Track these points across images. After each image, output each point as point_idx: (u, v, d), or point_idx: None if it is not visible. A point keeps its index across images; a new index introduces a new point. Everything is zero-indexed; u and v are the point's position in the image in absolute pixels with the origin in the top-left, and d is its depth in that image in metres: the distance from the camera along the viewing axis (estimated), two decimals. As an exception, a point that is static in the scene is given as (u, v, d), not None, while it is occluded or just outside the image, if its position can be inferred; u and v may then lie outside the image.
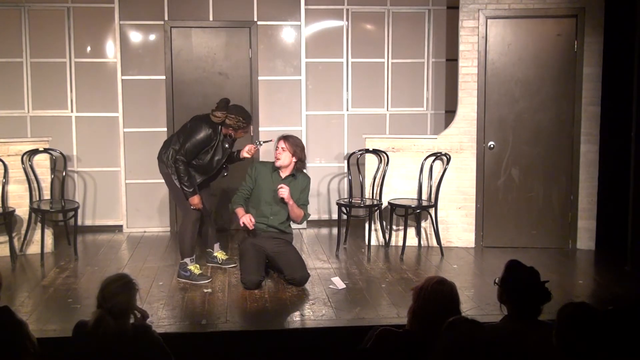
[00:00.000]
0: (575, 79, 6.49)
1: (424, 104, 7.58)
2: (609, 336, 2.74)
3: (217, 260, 5.95)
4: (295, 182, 5.58)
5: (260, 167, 5.64)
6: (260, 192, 5.55)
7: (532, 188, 6.65)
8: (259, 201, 5.54)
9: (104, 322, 3.11)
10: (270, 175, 5.57)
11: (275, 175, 5.57)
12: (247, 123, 5.63)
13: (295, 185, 5.57)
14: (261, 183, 5.55)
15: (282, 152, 5.52)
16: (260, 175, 5.58)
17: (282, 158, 5.52)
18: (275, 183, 5.51)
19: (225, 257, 5.99)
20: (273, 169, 5.59)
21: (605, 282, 5.63)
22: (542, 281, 3.18)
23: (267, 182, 5.54)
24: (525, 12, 6.50)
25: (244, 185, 5.61)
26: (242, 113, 5.57)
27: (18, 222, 6.29)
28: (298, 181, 5.60)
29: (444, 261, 6.21)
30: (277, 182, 5.51)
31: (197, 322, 4.57)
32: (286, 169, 5.56)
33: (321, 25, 7.46)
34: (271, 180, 5.55)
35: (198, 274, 5.51)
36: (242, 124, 5.56)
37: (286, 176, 5.57)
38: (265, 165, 5.66)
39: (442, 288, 3.05)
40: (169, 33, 7.21)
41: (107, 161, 7.28)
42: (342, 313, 4.78)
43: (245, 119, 5.58)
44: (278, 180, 5.54)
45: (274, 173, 5.58)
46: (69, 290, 5.27)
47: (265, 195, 5.53)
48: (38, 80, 7.14)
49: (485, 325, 3.19)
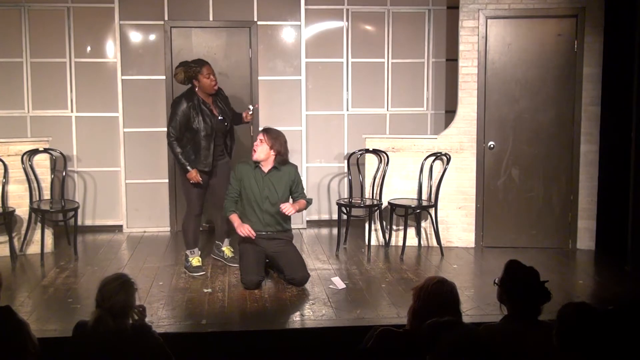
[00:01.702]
0: (575, 79, 6.49)
1: (424, 104, 7.58)
2: (609, 336, 2.74)
3: (223, 255, 5.97)
4: (279, 174, 5.51)
5: (241, 168, 5.56)
6: (248, 192, 5.48)
7: (532, 188, 6.65)
8: (248, 201, 5.48)
9: (103, 322, 3.11)
10: (253, 173, 5.49)
11: (257, 172, 5.49)
12: (197, 64, 5.71)
13: (281, 177, 5.51)
14: (246, 183, 5.49)
15: (259, 145, 5.45)
16: (244, 175, 5.50)
17: (257, 151, 5.45)
18: (258, 180, 5.45)
19: (231, 254, 5.98)
20: (254, 165, 5.51)
21: (605, 282, 5.64)
22: (542, 281, 3.18)
23: (251, 181, 5.48)
24: (526, 12, 6.50)
25: (230, 188, 5.55)
26: (184, 61, 5.76)
27: (18, 222, 6.29)
28: (283, 173, 5.52)
29: (444, 261, 6.21)
30: (260, 178, 5.45)
31: (197, 322, 4.58)
32: (266, 163, 5.49)
33: (321, 25, 7.46)
34: (254, 178, 5.48)
35: (195, 265, 5.69)
36: (193, 68, 5.68)
37: (269, 170, 5.50)
38: (247, 163, 5.58)
39: (443, 288, 3.05)
40: (169, 33, 7.21)
41: (107, 161, 7.28)
42: (342, 313, 4.78)
43: (192, 62, 5.72)
44: (261, 175, 5.47)
45: (256, 170, 5.50)
46: (69, 290, 5.27)
47: (253, 195, 5.46)
48: (38, 80, 7.14)
49: (485, 325, 3.19)
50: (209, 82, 5.71)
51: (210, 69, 5.74)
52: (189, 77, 5.71)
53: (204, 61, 5.79)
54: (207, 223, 7.30)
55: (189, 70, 5.69)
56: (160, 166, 7.32)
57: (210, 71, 5.73)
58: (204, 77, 5.69)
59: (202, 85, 5.71)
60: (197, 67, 5.69)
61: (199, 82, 5.70)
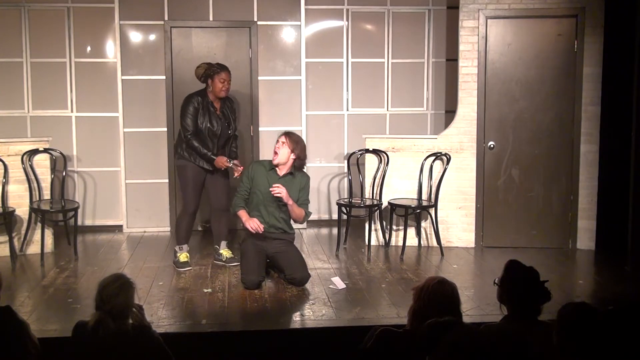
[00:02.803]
0: (575, 79, 6.50)
1: (424, 104, 7.58)
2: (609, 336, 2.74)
3: (222, 258, 5.97)
4: (293, 180, 5.46)
5: (256, 166, 5.55)
6: (256, 192, 5.45)
7: (532, 188, 6.65)
8: (256, 201, 5.46)
9: (103, 323, 3.11)
10: (266, 175, 5.46)
11: (271, 174, 5.45)
12: (219, 67, 5.86)
13: (294, 184, 5.45)
14: (258, 182, 5.45)
15: (281, 147, 5.40)
16: (257, 175, 5.47)
17: (280, 153, 5.40)
18: (271, 182, 5.38)
19: (230, 255, 5.99)
20: (269, 167, 5.48)
21: (605, 282, 5.63)
22: (542, 281, 3.18)
23: (263, 182, 5.43)
24: (526, 12, 6.50)
25: (241, 185, 5.54)
26: (207, 62, 5.96)
27: (18, 222, 6.29)
28: (296, 180, 5.48)
29: (444, 261, 6.21)
30: (274, 181, 5.39)
31: (197, 322, 4.58)
32: (284, 167, 5.44)
33: (321, 25, 7.46)
34: (267, 180, 5.42)
35: (182, 261, 5.86)
36: (214, 68, 5.84)
37: (284, 175, 5.46)
38: (262, 164, 5.57)
39: (443, 288, 3.05)
40: (169, 33, 7.21)
41: (107, 161, 7.28)
42: (342, 313, 4.78)
43: (216, 64, 5.90)
44: (275, 179, 5.42)
45: (270, 172, 5.46)
46: (69, 290, 5.27)
47: (262, 195, 5.42)
48: (38, 80, 7.14)
49: (486, 325, 3.19)
50: (220, 86, 5.83)
51: (228, 76, 5.89)
52: (207, 75, 5.86)
53: (227, 68, 5.94)
54: (207, 223, 7.31)
55: (210, 68, 5.86)
56: (160, 166, 7.32)
57: (227, 78, 5.87)
58: (219, 80, 5.82)
59: (214, 86, 5.84)
60: (218, 68, 5.86)
61: (213, 83, 5.84)
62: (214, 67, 5.87)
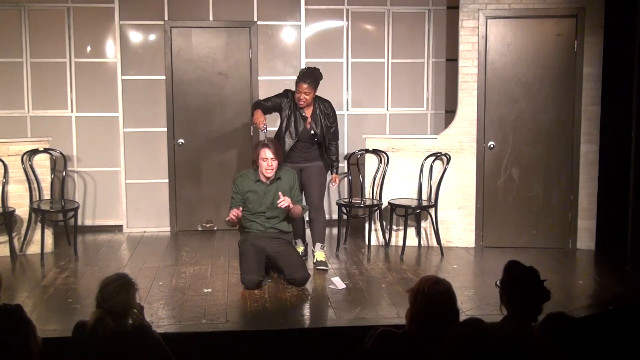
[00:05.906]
0: (575, 79, 6.50)
1: (424, 104, 7.58)
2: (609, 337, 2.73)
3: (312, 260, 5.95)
4: (282, 182, 5.56)
5: (241, 180, 5.56)
6: (251, 205, 5.51)
7: (532, 188, 6.65)
8: (252, 212, 5.51)
9: (103, 322, 3.11)
10: (255, 186, 5.52)
11: (259, 184, 5.52)
12: (299, 76, 5.82)
13: (283, 185, 5.55)
14: (249, 195, 5.51)
15: (272, 162, 5.43)
16: (246, 188, 5.52)
17: (275, 169, 5.47)
18: (261, 191, 5.48)
19: (321, 258, 5.86)
20: (255, 178, 5.53)
21: (605, 282, 5.63)
22: (541, 280, 3.18)
23: (255, 193, 5.51)
24: (525, 12, 6.51)
25: (233, 203, 5.52)
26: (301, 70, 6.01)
27: (18, 222, 6.29)
28: (284, 180, 5.58)
29: (444, 261, 6.21)
30: (263, 189, 5.48)
31: (197, 322, 4.58)
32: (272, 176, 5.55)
33: (321, 25, 7.46)
34: (257, 190, 5.51)
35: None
36: (299, 76, 5.81)
37: (271, 181, 5.53)
38: (247, 177, 5.58)
39: (439, 289, 3.03)
40: (169, 33, 7.21)
41: (107, 161, 7.27)
42: (342, 313, 4.78)
43: (305, 69, 5.97)
44: (263, 187, 5.50)
45: (257, 182, 5.52)
46: (69, 290, 5.27)
47: (257, 206, 5.50)
48: (38, 80, 7.14)
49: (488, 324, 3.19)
50: (297, 96, 5.82)
51: (302, 87, 5.75)
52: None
53: (305, 77, 5.79)
54: (207, 223, 7.31)
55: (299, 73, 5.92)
56: (160, 166, 7.32)
57: (301, 90, 5.76)
58: (296, 89, 5.81)
59: (297, 94, 5.83)
60: (298, 77, 5.82)
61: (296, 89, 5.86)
62: (299, 73, 5.88)
